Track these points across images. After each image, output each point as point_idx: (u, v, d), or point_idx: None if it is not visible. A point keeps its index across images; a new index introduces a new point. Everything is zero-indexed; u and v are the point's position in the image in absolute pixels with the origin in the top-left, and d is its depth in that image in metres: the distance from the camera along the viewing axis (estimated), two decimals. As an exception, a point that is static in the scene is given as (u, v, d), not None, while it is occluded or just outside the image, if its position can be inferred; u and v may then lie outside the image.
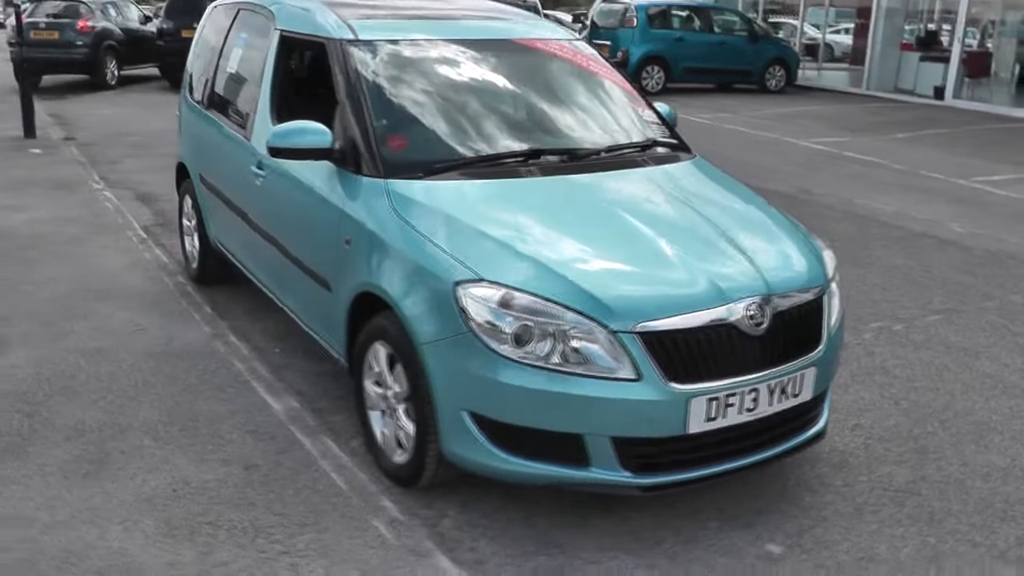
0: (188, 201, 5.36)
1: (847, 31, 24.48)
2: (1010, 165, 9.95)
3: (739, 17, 19.14)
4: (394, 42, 3.86)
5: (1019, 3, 18.03)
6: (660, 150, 3.89)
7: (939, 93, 15.75)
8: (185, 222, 5.49)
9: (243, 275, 4.74)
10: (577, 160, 3.57)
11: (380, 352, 3.22)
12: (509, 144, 3.61)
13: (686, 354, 2.79)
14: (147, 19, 17.25)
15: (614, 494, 2.98)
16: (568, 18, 29.02)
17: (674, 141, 4.03)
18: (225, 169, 4.62)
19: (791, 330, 3.00)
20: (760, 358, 2.90)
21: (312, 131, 3.47)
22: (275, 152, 3.51)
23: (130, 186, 7.95)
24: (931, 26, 20.43)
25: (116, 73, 15.65)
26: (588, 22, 18.99)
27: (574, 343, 2.75)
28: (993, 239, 6.78)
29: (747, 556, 2.94)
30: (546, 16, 18.95)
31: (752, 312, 2.88)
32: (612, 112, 4.04)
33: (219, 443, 3.55)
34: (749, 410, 2.90)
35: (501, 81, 3.93)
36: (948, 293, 5.56)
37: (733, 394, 2.84)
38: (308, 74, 4.60)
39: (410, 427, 3.11)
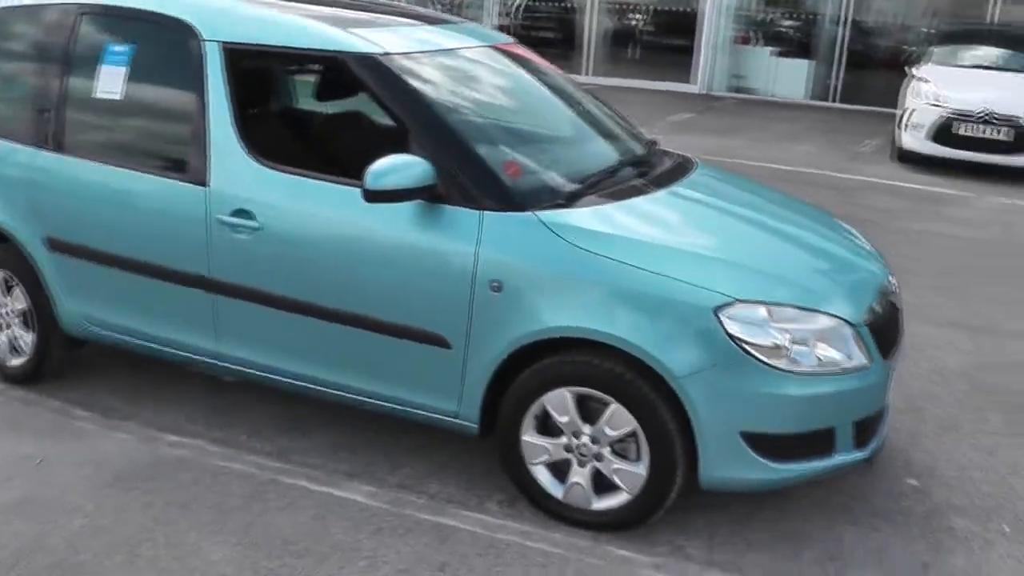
0: (-2, 279, 3.99)
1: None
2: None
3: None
4: (418, 55, 3.43)
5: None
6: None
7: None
8: (-8, 309, 4.07)
9: (126, 356, 3.77)
10: (651, 170, 3.60)
11: (567, 398, 2.98)
12: (599, 160, 3.50)
13: (886, 334, 3.12)
14: None
15: (831, 476, 3.20)
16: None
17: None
18: (132, 228, 3.58)
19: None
20: (899, 332, 3.36)
21: (412, 165, 2.98)
22: (375, 196, 2.94)
23: None
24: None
25: None
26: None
27: (827, 344, 2.90)
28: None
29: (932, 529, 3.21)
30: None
31: (894, 290, 3.32)
32: (615, 117, 4.07)
33: (364, 555, 2.94)
34: (891, 376, 3.34)
35: (528, 91, 3.77)
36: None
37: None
38: (277, 95, 3.66)
39: (633, 468, 2.96)
